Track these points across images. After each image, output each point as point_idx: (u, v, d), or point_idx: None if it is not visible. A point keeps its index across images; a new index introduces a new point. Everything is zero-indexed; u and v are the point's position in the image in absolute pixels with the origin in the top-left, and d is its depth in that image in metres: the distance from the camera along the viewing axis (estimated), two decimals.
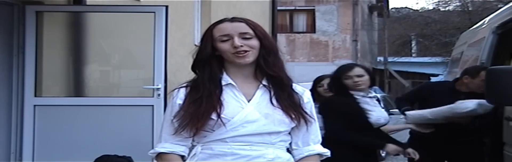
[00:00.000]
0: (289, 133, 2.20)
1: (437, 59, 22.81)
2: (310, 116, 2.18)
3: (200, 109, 2.09)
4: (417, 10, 27.09)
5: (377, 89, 18.95)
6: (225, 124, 2.08)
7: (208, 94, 2.11)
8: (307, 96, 2.24)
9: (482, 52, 4.96)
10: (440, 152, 4.56)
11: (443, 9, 23.79)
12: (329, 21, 20.70)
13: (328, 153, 2.27)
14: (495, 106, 4.04)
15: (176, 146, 2.15)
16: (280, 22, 18.12)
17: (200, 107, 2.09)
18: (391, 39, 24.44)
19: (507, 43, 4.77)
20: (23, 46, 5.25)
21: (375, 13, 25.28)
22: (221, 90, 2.14)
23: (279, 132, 2.14)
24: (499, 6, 15.59)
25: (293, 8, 20.62)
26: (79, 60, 5.78)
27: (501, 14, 5.06)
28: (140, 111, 5.33)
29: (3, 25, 5.19)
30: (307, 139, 2.22)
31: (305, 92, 2.25)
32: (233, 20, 2.18)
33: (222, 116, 2.08)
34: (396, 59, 23.84)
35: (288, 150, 2.24)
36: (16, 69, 5.28)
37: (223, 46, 2.13)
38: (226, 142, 2.10)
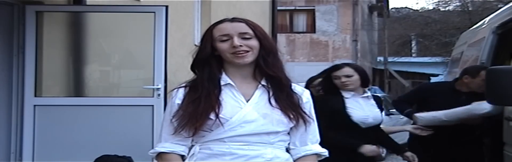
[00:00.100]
0: (288, 133, 2.20)
1: (437, 59, 22.80)
2: (309, 116, 2.18)
3: (198, 109, 2.09)
4: (417, 10, 27.11)
5: (377, 89, 19.00)
6: (223, 124, 2.08)
7: (207, 94, 2.11)
8: (306, 96, 2.24)
9: (482, 52, 4.96)
10: (442, 153, 4.55)
11: (443, 9, 23.79)
12: (329, 21, 20.70)
13: (326, 153, 2.26)
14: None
15: (176, 145, 2.15)
16: (280, 22, 18.12)
17: (199, 107, 2.09)
18: (391, 39, 24.44)
19: (507, 43, 4.77)
20: (23, 46, 5.25)
21: (375, 13, 25.28)
22: (220, 90, 2.14)
23: (277, 132, 2.14)
24: (499, 6, 15.59)
25: (293, 8, 20.62)
26: (79, 60, 5.78)
27: (501, 14, 5.06)
28: (140, 111, 5.33)
29: (3, 25, 5.19)
30: (305, 139, 2.22)
31: (305, 92, 2.25)
32: (233, 20, 2.18)
33: (220, 116, 2.08)
34: (396, 59, 23.84)
35: (288, 150, 2.23)
36: (16, 69, 5.28)
37: (222, 46, 2.13)
38: (224, 142, 2.10)
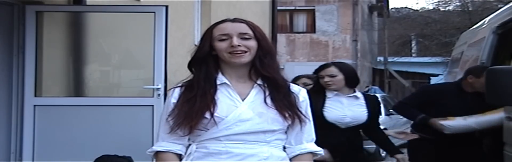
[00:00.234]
0: (286, 132, 2.21)
1: (437, 59, 22.79)
2: (304, 115, 2.20)
3: (194, 108, 2.11)
4: (417, 10, 27.12)
5: (377, 89, 19.01)
6: (219, 122, 2.10)
7: (203, 93, 2.13)
8: (303, 95, 2.25)
9: (482, 52, 4.96)
10: (442, 154, 4.52)
11: (443, 9, 23.79)
12: (329, 21, 20.70)
13: (321, 151, 2.28)
14: None
15: (173, 144, 2.17)
16: (280, 22, 18.12)
17: (194, 106, 2.11)
18: (391, 39, 24.45)
19: (507, 43, 4.77)
20: (23, 46, 5.25)
21: (375, 13, 25.29)
22: (216, 89, 2.16)
23: (273, 131, 2.15)
24: (499, 6, 15.59)
25: (293, 8, 20.62)
26: (79, 60, 5.78)
27: (501, 14, 5.06)
28: (140, 111, 5.33)
29: (3, 25, 5.19)
30: (300, 137, 2.23)
31: (301, 91, 2.27)
32: (234, 20, 2.21)
33: (215, 114, 2.10)
34: (396, 59, 23.84)
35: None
36: (16, 69, 5.28)
37: (220, 45, 2.15)
38: (220, 140, 2.12)
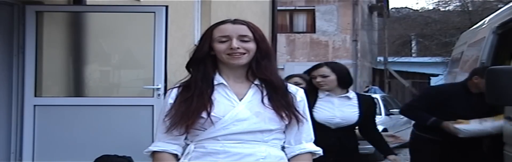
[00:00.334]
0: (284, 132, 2.22)
1: (437, 59, 22.77)
2: (302, 115, 2.21)
3: (190, 108, 2.12)
4: (417, 10, 27.09)
5: (377, 89, 19.02)
6: (215, 122, 2.11)
7: (200, 93, 2.15)
8: (300, 95, 2.27)
9: (482, 52, 4.95)
10: (448, 156, 4.50)
11: (443, 9, 23.77)
12: (329, 21, 20.69)
13: (320, 151, 2.29)
14: None
15: (168, 144, 2.19)
16: (280, 22, 18.11)
17: (191, 106, 2.13)
18: (391, 39, 24.43)
19: (507, 43, 4.77)
20: (23, 46, 5.25)
21: (375, 13, 25.27)
22: (213, 89, 2.17)
23: (271, 130, 2.16)
24: (499, 6, 15.58)
25: (293, 8, 20.61)
26: (79, 60, 5.78)
27: (501, 14, 5.06)
28: (140, 111, 5.33)
29: (3, 25, 5.19)
30: (299, 137, 2.24)
31: (299, 91, 2.28)
32: (235, 22, 2.22)
33: (212, 114, 2.11)
34: (396, 59, 23.82)
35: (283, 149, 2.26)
36: (16, 69, 5.28)
37: (219, 47, 2.16)
38: (218, 140, 2.13)
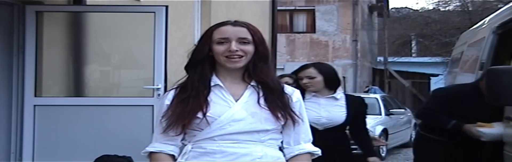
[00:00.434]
0: (281, 132, 2.24)
1: (437, 59, 22.77)
2: (297, 115, 2.22)
3: (186, 109, 2.15)
4: (417, 10, 27.07)
5: (377, 89, 19.02)
6: (211, 122, 2.13)
7: (196, 94, 2.17)
8: (296, 96, 2.28)
9: (482, 52, 4.95)
10: (453, 156, 4.48)
11: (443, 9, 23.75)
12: (329, 21, 20.68)
13: (318, 151, 2.31)
14: None
15: (165, 145, 2.21)
16: (280, 22, 18.11)
17: (187, 106, 2.15)
18: (391, 39, 24.43)
19: (507, 43, 4.76)
20: (23, 46, 5.25)
21: (375, 13, 25.27)
22: (209, 90, 2.19)
23: (267, 130, 2.18)
24: (499, 6, 15.58)
25: (293, 8, 20.60)
26: (79, 60, 5.78)
27: (501, 14, 5.06)
28: (140, 111, 5.33)
29: (3, 25, 5.19)
30: (298, 138, 2.26)
31: (295, 92, 2.30)
32: (235, 24, 2.23)
33: (208, 114, 2.13)
34: (396, 59, 23.82)
35: (281, 149, 2.27)
36: (16, 69, 5.28)
37: (218, 48, 2.18)
38: (215, 140, 2.15)
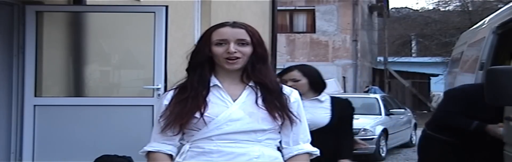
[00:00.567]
0: (279, 132, 2.25)
1: (437, 59, 22.79)
2: (295, 116, 2.23)
3: (185, 109, 2.16)
4: (417, 10, 27.10)
5: (377, 89, 19.04)
6: (208, 122, 2.15)
7: (195, 95, 2.19)
8: (294, 96, 2.29)
9: (482, 52, 4.95)
10: (460, 157, 4.45)
11: (443, 9, 23.77)
12: (329, 21, 20.69)
13: (317, 152, 2.32)
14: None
15: (163, 145, 2.23)
16: (280, 22, 18.11)
17: (185, 107, 2.17)
18: (391, 39, 24.45)
19: (507, 43, 4.76)
20: (23, 46, 5.25)
21: (375, 13, 25.27)
22: (208, 91, 2.21)
23: (264, 130, 2.19)
24: (499, 6, 15.58)
25: (293, 8, 20.61)
26: (79, 60, 5.78)
27: (501, 14, 5.06)
28: (140, 111, 5.33)
29: (3, 25, 5.20)
30: (297, 138, 2.27)
31: (293, 92, 2.31)
32: (234, 25, 2.23)
33: (205, 114, 2.15)
34: (396, 59, 23.84)
35: (280, 149, 2.28)
36: (16, 69, 5.28)
37: (217, 50, 2.19)
38: (212, 140, 2.17)
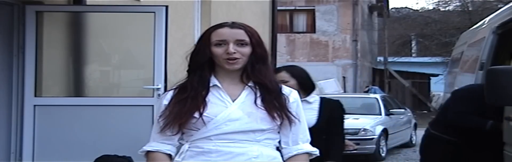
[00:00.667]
0: (278, 132, 2.26)
1: (437, 59, 22.79)
2: (294, 116, 2.23)
3: (184, 109, 2.17)
4: (417, 10, 27.10)
5: (377, 89, 19.04)
6: (207, 122, 2.16)
7: (195, 95, 2.19)
8: (293, 96, 2.29)
9: (482, 52, 4.96)
10: (463, 157, 4.45)
11: (443, 9, 23.79)
12: (329, 21, 20.69)
13: (316, 152, 2.32)
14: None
15: (162, 144, 2.24)
16: (280, 22, 18.11)
17: (185, 107, 2.17)
18: (391, 39, 24.45)
19: (507, 43, 4.77)
20: (23, 46, 5.25)
21: (375, 13, 25.27)
22: (208, 91, 2.21)
23: (263, 130, 2.20)
24: (499, 6, 15.58)
25: (293, 8, 20.61)
26: (79, 60, 5.78)
27: (501, 14, 5.06)
28: (140, 111, 5.33)
29: (3, 25, 5.20)
30: (296, 138, 2.28)
31: (292, 92, 2.31)
32: (233, 26, 2.24)
33: (204, 114, 2.16)
34: (396, 59, 23.85)
35: (279, 149, 2.29)
36: (16, 69, 5.28)
37: (217, 51, 2.20)
38: (211, 140, 2.17)
